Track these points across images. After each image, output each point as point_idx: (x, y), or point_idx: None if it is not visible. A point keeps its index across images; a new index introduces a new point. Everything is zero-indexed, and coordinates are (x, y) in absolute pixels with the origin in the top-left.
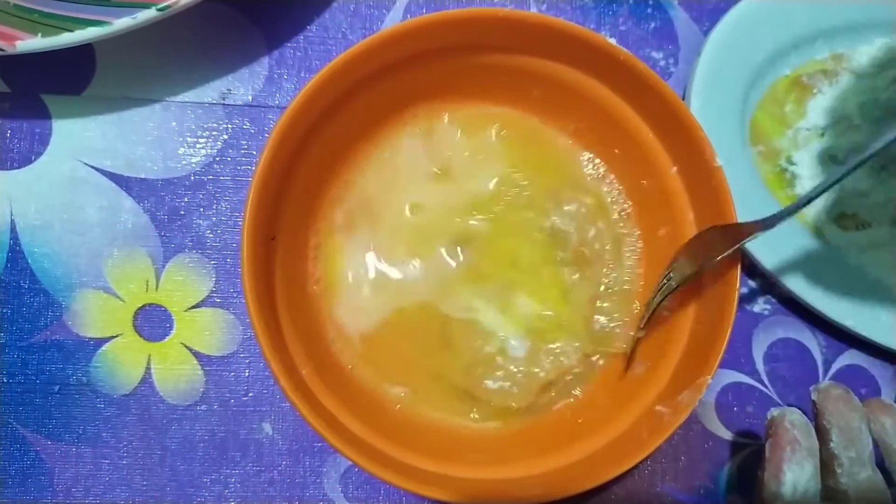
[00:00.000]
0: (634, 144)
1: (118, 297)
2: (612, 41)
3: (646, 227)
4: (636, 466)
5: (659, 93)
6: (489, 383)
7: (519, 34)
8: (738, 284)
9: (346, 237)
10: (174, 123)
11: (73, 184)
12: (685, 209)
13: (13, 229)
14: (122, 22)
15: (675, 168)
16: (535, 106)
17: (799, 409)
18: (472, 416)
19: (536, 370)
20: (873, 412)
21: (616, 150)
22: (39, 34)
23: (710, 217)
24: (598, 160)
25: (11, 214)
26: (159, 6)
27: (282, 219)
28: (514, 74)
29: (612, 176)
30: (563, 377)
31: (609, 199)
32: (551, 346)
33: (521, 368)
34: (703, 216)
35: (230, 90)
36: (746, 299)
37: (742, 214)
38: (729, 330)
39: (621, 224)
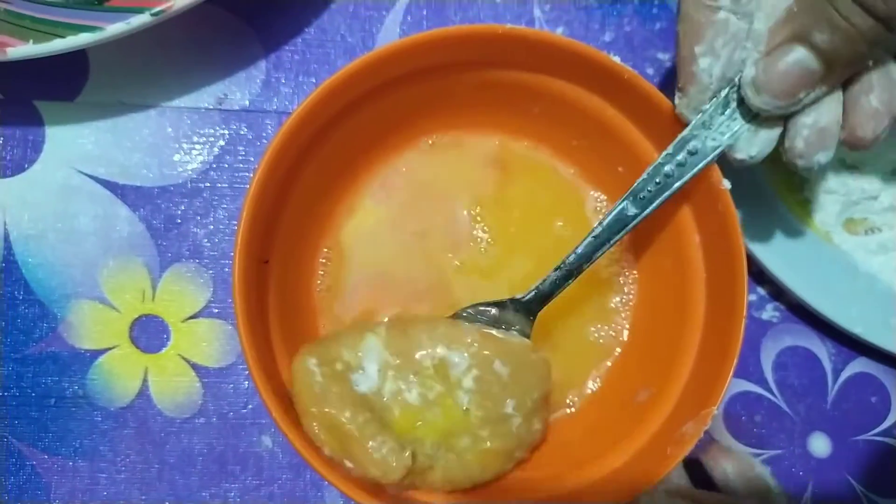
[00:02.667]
0: (638, 164)
1: (114, 308)
2: (616, 59)
3: (646, 254)
4: None
5: (664, 112)
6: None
7: (519, 51)
8: (744, 312)
9: (342, 262)
10: (170, 129)
11: (67, 192)
12: (691, 232)
13: (7, 239)
14: (116, 27)
15: None
16: (536, 122)
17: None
18: None
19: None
20: (714, 459)
21: (620, 168)
22: (31, 41)
23: (717, 239)
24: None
25: (5, 224)
26: (153, 11)
27: (276, 241)
28: (514, 90)
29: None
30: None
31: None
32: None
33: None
34: (710, 239)
35: (226, 95)
36: (755, 306)
37: (750, 220)
38: (735, 358)
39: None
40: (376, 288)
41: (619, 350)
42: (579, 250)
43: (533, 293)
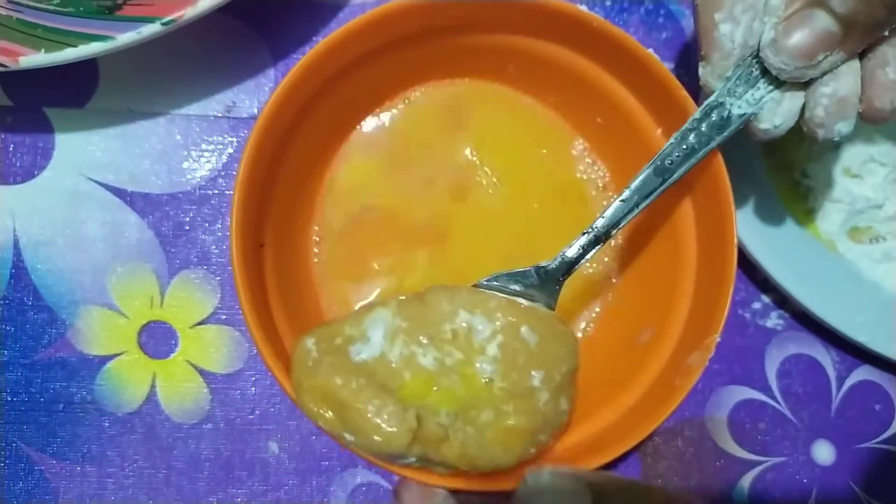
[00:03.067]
0: (616, 112)
1: (122, 314)
2: (584, 8)
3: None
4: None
5: (638, 58)
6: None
7: (493, 13)
8: (735, 237)
9: (337, 237)
10: (179, 137)
11: (77, 199)
12: (682, 188)
13: (16, 245)
14: (127, 37)
15: (659, 130)
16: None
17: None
18: None
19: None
20: None
21: (599, 119)
22: (42, 49)
23: (705, 186)
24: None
25: (14, 230)
26: (164, 20)
27: (269, 224)
28: (489, 54)
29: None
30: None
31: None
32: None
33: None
34: (697, 186)
35: (235, 103)
36: (759, 314)
37: (754, 228)
38: (732, 284)
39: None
40: (370, 228)
41: (610, 294)
42: (608, 214)
43: (559, 260)
